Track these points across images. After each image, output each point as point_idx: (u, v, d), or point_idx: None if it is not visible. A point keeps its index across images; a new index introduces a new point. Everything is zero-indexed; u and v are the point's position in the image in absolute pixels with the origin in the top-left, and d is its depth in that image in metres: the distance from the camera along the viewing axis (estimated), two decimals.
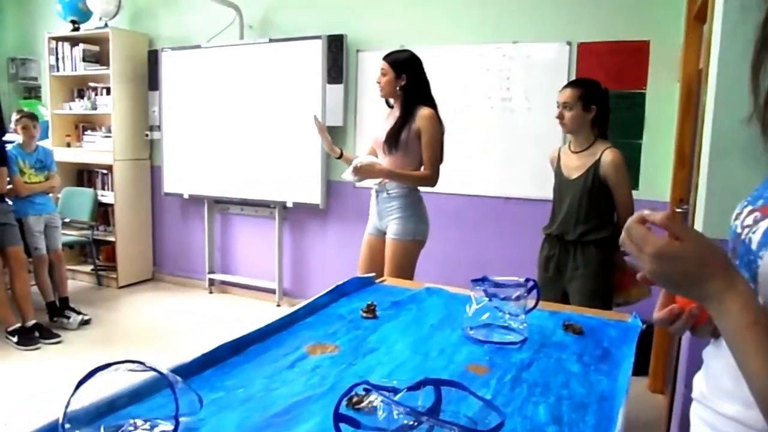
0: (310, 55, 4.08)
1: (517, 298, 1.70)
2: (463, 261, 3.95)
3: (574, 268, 2.42)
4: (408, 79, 2.77)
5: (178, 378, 1.14)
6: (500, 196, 3.76)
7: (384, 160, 2.86)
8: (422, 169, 2.80)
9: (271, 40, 4.27)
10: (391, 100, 2.91)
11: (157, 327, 4.14)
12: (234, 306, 4.65)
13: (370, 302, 1.88)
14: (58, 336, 3.79)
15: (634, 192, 3.09)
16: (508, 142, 3.68)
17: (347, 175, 2.81)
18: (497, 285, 1.71)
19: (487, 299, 1.69)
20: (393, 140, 2.78)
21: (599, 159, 2.35)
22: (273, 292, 4.62)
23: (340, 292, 2.08)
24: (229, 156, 4.56)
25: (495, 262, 3.83)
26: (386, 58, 2.81)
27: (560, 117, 2.43)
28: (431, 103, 2.82)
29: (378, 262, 2.90)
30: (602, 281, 2.39)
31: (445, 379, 1.10)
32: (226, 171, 4.59)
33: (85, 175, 5.34)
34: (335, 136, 4.13)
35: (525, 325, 1.67)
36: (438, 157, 2.81)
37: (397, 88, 2.78)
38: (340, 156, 3.05)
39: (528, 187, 3.62)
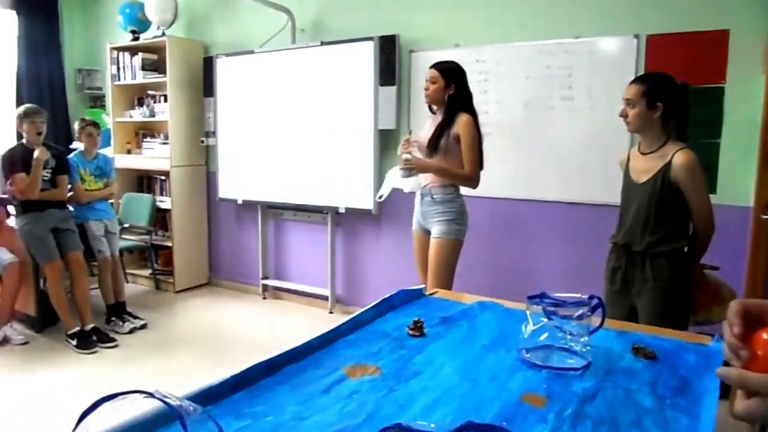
0: (362, 57, 3.99)
1: (580, 317, 1.53)
2: (521, 271, 3.75)
3: (643, 281, 2.19)
4: (456, 88, 2.94)
5: (196, 407, 1.04)
6: (562, 200, 3.53)
7: None
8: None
9: (322, 43, 4.21)
10: (434, 107, 3.06)
11: (210, 333, 4.14)
12: (287, 313, 4.62)
13: (417, 318, 1.75)
14: (115, 340, 3.84)
15: (711, 197, 2.84)
16: (571, 143, 3.46)
17: (393, 175, 3.05)
18: (557, 303, 1.54)
19: (545, 318, 1.52)
20: (434, 144, 2.95)
21: (670, 161, 2.12)
22: (326, 299, 4.55)
23: (386, 306, 1.96)
24: (281, 161, 4.54)
25: (556, 273, 3.61)
26: (436, 66, 2.97)
27: (623, 115, 2.23)
28: (472, 111, 2.98)
29: (425, 257, 3.11)
30: (675, 297, 2.15)
31: (491, 425, 0.95)
32: (278, 176, 4.56)
33: (144, 181, 5.46)
34: (387, 139, 4.03)
35: (588, 347, 1.50)
36: (478, 159, 2.96)
37: (446, 97, 2.94)
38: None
39: (594, 191, 3.39)
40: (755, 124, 2.91)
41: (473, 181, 2.97)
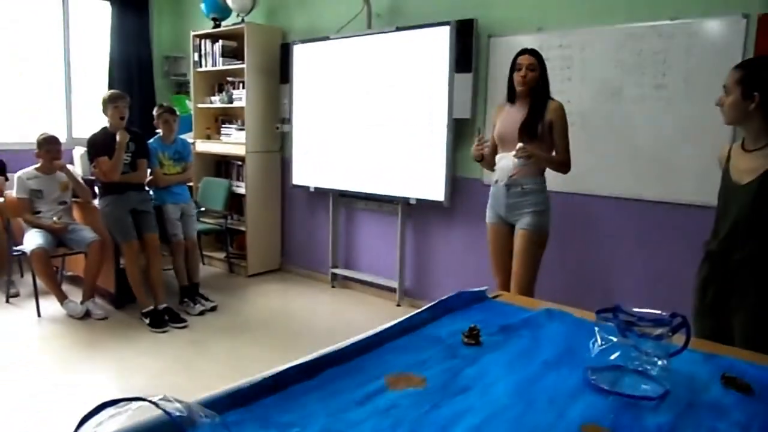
0: (438, 43, 3.83)
1: (659, 337, 1.33)
2: (598, 276, 3.47)
3: (743, 295, 1.91)
4: (542, 75, 2.95)
5: (211, 414, 0.96)
6: (650, 199, 3.23)
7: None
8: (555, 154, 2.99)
9: (398, 29, 4.07)
10: (519, 97, 2.99)
11: (276, 320, 4.16)
12: (354, 303, 4.57)
13: (473, 325, 1.60)
14: (185, 321, 3.94)
15: None
16: (662, 136, 3.14)
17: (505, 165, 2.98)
18: (631, 321, 1.35)
19: (616, 337, 1.34)
20: (530, 130, 2.90)
21: None
22: (394, 291, 4.46)
23: (443, 309, 1.82)
24: (353, 149, 4.47)
25: (636, 280, 3.32)
26: (532, 53, 2.94)
27: (719, 104, 1.97)
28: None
29: (507, 251, 3.04)
30: None
31: None
32: (350, 164, 4.50)
33: (222, 166, 5.58)
34: (462, 129, 3.86)
35: (668, 372, 1.30)
36: (569, 146, 2.96)
37: (538, 84, 2.93)
38: (481, 159, 3.08)
39: (686, 189, 3.07)
40: None
41: (568, 166, 2.96)
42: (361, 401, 1.22)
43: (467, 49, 3.69)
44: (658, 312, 1.39)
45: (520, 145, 2.83)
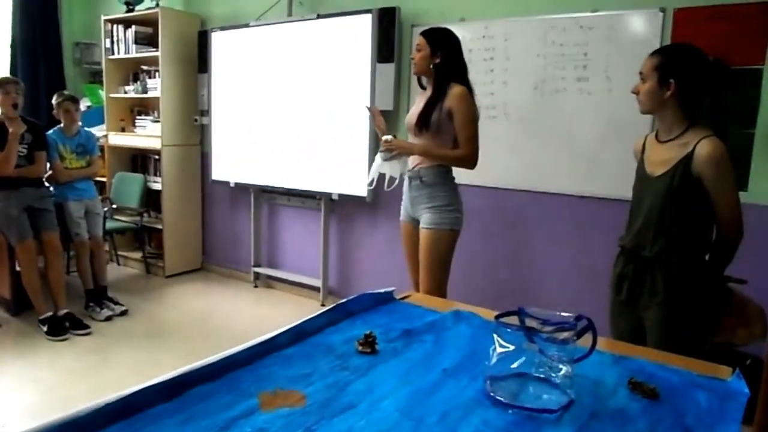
0: (360, 32, 3.67)
1: (564, 341, 1.22)
2: (521, 273, 3.41)
3: (652, 293, 1.85)
4: (443, 56, 2.60)
5: None
6: (573, 193, 3.18)
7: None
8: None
9: (319, 16, 3.89)
10: (425, 81, 2.75)
11: (194, 322, 3.91)
12: (277, 304, 4.36)
13: (368, 332, 1.45)
14: (88, 327, 3.63)
15: (742, 194, 2.48)
16: (584, 129, 3.10)
17: (377, 163, 2.76)
18: (534, 326, 1.23)
19: (518, 342, 1.22)
20: (423, 120, 2.61)
21: (692, 151, 1.77)
22: (319, 290, 4.27)
23: (343, 312, 1.66)
24: (275, 142, 4.25)
25: (563, 275, 3.27)
26: (424, 33, 2.67)
27: (635, 91, 1.90)
28: (466, 84, 2.64)
29: (415, 251, 2.78)
30: (690, 314, 1.80)
31: None
32: (272, 158, 4.28)
33: (138, 161, 5.23)
34: (385, 121, 3.70)
35: (572, 380, 1.19)
36: (474, 135, 2.62)
37: (431, 66, 2.62)
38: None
39: (610, 183, 3.03)
40: None
41: (469, 161, 2.60)
42: (225, 426, 1.05)
43: (389, 38, 3.55)
44: (565, 314, 1.29)
45: (384, 137, 2.63)
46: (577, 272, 3.21)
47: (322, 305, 4.24)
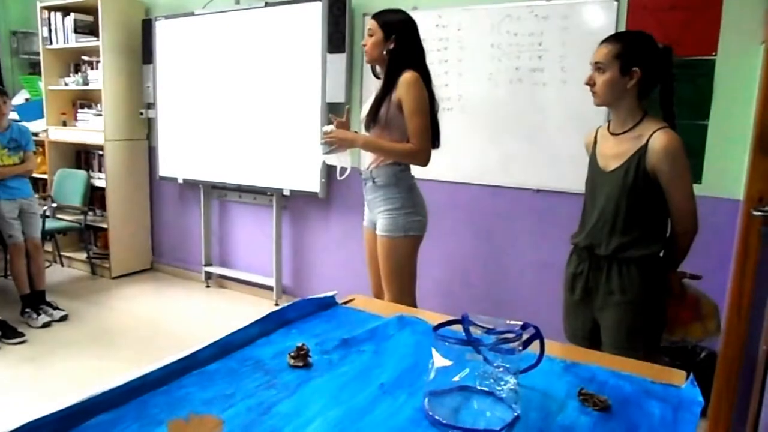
0: (310, 20, 3.52)
1: (509, 351, 1.12)
2: (475, 270, 3.34)
3: (607, 293, 1.78)
4: (396, 42, 2.35)
5: None
6: (528, 187, 3.12)
7: None
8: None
9: (267, 4, 3.72)
10: (378, 70, 2.50)
11: (140, 326, 3.71)
12: (230, 304, 4.19)
13: (301, 344, 1.33)
14: (22, 335, 3.40)
15: (696, 187, 2.44)
16: (539, 121, 3.03)
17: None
18: (477, 336, 1.13)
19: (461, 353, 1.11)
20: (372, 115, 2.39)
21: (646, 144, 1.70)
22: (272, 289, 4.12)
23: (277, 321, 1.53)
24: (224, 136, 4.07)
25: (517, 270, 3.21)
26: (375, 16, 2.41)
27: (590, 82, 1.79)
28: (424, 69, 2.40)
29: (377, 255, 2.55)
30: (647, 312, 1.74)
31: None
32: (221, 153, 4.11)
33: (82, 157, 4.97)
34: (337, 114, 3.56)
35: (517, 393, 1.09)
36: (425, 126, 2.35)
37: (384, 52, 2.37)
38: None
39: (565, 176, 2.97)
40: (749, 104, 2.51)
41: (419, 156, 2.33)
42: None
43: (340, 27, 3.41)
44: (512, 322, 1.19)
45: (324, 128, 2.41)
46: (538, 267, 3.15)
47: (276, 305, 4.10)
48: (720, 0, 2.57)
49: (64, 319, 3.73)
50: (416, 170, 2.59)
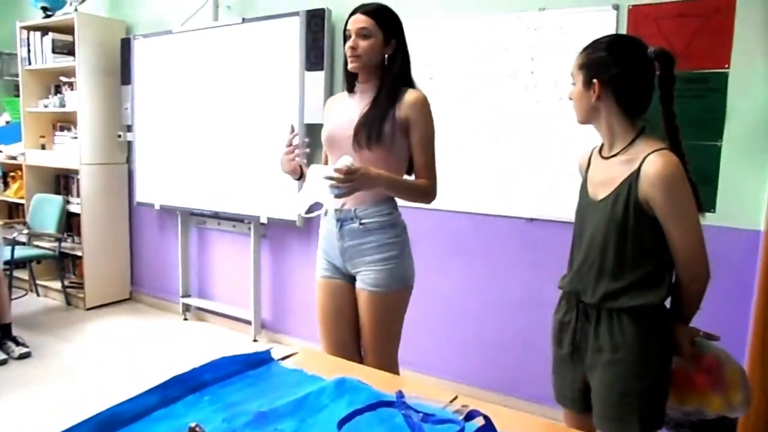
0: (287, 37, 3.29)
1: None
2: (461, 308, 3.03)
3: (596, 350, 1.46)
4: (397, 46, 1.91)
5: None
6: (520, 216, 2.82)
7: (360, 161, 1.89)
8: (414, 177, 1.96)
9: (244, 20, 3.50)
10: (361, 80, 1.96)
11: (108, 363, 3.43)
12: (207, 339, 3.90)
13: (194, 425, 1.03)
14: None
15: (709, 216, 2.13)
16: (531, 141, 2.75)
17: (316, 184, 1.78)
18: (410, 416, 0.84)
19: None
20: (374, 130, 1.85)
21: (639, 169, 1.39)
22: (250, 323, 3.83)
23: (186, 386, 1.25)
24: (202, 160, 3.83)
25: (508, 308, 2.89)
26: (371, 13, 1.87)
27: (570, 98, 1.54)
28: (416, 85, 1.96)
29: (349, 318, 2.03)
30: (643, 377, 1.40)
31: None
32: (199, 178, 3.86)
33: (61, 181, 4.76)
34: (316, 136, 3.29)
35: None
36: (435, 160, 1.94)
37: (384, 59, 1.91)
38: (300, 175, 2.09)
39: (561, 204, 2.67)
40: None
41: (432, 196, 1.93)
42: None
43: (318, 43, 3.17)
44: (456, 407, 0.90)
45: (344, 164, 1.68)
46: (528, 303, 2.83)
47: (254, 341, 3.80)
48: (733, 6, 2.29)
49: (25, 356, 3.45)
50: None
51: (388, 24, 1.88)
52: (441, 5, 2.95)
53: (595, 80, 1.43)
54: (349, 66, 1.91)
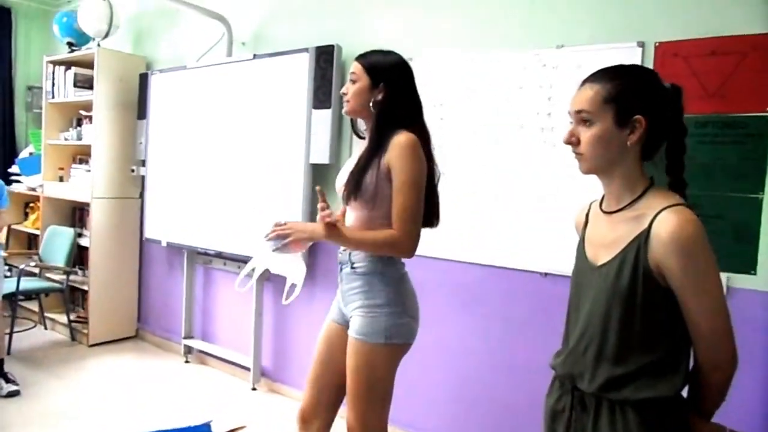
0: (297, 74, 3.17)
1: None
2: (470, 369, 2.75)
3: None
4: (387, 91, 1.84)
5: None
6: (534, 270, 2.56)
7: (349, 217, 1.95)
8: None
9: (255, 56, 3.41)
10: (362, 127, 1.99)
11: (99, 407, 3.26)
12: (207, 385, 3.70)
13: None
14: None
15: (749, 279, 1.85)
16: (547, 189, 2.51)
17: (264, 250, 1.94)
18: None
19: None
20: (354, 182, 1.82)
21: (649, 228, 1.15)
22: (249, 370, 3.62)
23: None
24: (207, 198, 3.72)
25: (523, 371, 2.60)
26: (360, 58, 1.91)
27: (571, 140, 1.27)
28: (419, 130, 1.84)
29: (339, 362, 1.95)
30: None
31: None
32: (204, 216, 3.74)
33: (76, 214, 4.74)
34: (323, 177, 3.15)
35: None
36: (416, 206, 1.78)
37: (370, 104, 1.85)
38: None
39: None
40: None
41: (401, 246, 1.77)
42: None
43: (326, 81, 3.03)
44: None
45: (277, 221, 1.87)
46: (539, 362, 2.54)
47: (253, 389, 3.59)
48: None
49: (13, 395, 3.33)
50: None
51: (374, 68, 1.86)
52: (458, 42, 2.78)
53: (639, 117, 1.18)
54: (343, 110, 1.94)
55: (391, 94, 1.84)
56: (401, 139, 1.77)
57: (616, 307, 1.15)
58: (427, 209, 1.84)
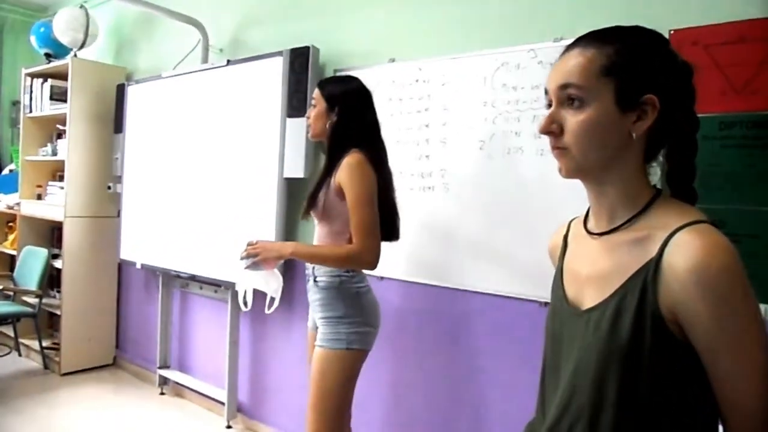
0: (270, 80, 2.88)
1: None
2: (440, 390, 2.40)
3: None
4: (340, 115, 1.97)
5: None
6: (532, 298, 2.20)
7: (316, 232, 2.09)
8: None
9: (229, 62, 3.14)
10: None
11: None
12: (180, 421, 3.38)
13: None
14: None
15: None
16: (546, 203, 2.16)
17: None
18: None
19: None
20: (309, 199, 2.02)
21: (660, 257, 0.80)
22: (224, 404, 3.29)
23: None
24: (181, 217, 3.43)
25: (518, 415, 2.24)
26: (320, 84, 2.08)
27: (549, 129, 0.91)
28: (371, 147, 1.97)
29: None
30: None
31: None
32: (178, 236, 3.45)
33: (54, 234, 4.48)
34: (297, 192, 2.84)
35: None
36: (371, 220, 1.89)
37: (327, 126, 2.00)
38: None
39: None
40: None
41: (362, 259, 1.88)
42: None
43: (301, 86, 2.74)
44: None
45: (249, 240, 2.03)
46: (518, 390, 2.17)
47: (228, 427, 3.25)
48: None
49: None
50: (385, 267, 2.07)
51: (331, 94, 1.99)
52: (445, 40, 2.47)
53: (650, 96, 0.84)
54: (308, 134, 2.11)
55: (344, 117, 1.96)
56: (349, 159, 1.90)
57: (613, 371, 0.81)
58: (384, 224, 1.92)
